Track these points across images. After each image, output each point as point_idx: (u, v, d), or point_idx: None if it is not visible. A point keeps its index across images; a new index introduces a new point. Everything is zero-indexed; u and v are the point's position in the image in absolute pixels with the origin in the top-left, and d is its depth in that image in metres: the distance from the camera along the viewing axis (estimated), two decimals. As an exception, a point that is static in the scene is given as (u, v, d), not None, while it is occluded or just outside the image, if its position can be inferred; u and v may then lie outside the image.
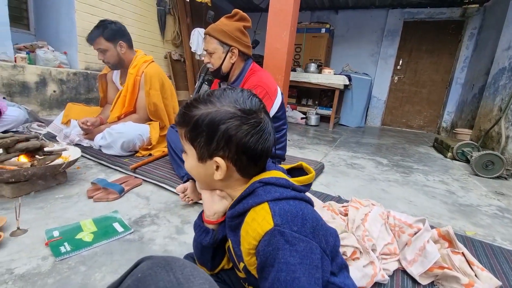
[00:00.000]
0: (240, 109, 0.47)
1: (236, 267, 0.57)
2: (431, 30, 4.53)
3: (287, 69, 3.04)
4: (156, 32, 4.21)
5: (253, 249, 0.43)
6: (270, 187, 0.47)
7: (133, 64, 1.84)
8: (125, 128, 1.69)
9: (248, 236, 0.44)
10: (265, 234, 0.41)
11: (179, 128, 0.51)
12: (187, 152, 0.52)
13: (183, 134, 0.50)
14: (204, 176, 0.51)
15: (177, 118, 0.51)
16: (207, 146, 0.47)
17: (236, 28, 1.28)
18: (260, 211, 0.44)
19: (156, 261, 0.37)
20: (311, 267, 0.40)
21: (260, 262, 0.42)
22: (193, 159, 0.50)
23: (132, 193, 1.30)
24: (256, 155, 0.48)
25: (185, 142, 0.51)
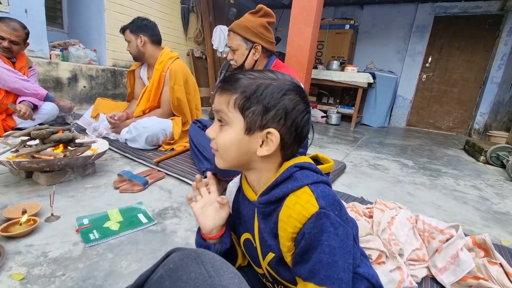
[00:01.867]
0: (298, 85, 0.47)
1: (255, 263, 0.56)
2: (465, 25, 4.25)
3: (309, 66, 2.99)
4: (179, 29, 4.30)
5: (296, 232, 0.42)
6: (306, 171, 0.46)
7: (159, 60, 1.89)
8: (149, 122, 1.74)
9: (292, 219, 0.42)
10: (310, 216, 0.41)
11: (227, 94, 0.46)
12: (230, 122, 0.46)
13: (231, 101, 0.45)
14: (245, 151, 0.47)
15: (226, 84, 0.46)
16: (263, 116, 0.44)
17: (260, 24, 1.27)
18: (302, 194, 0.43)
19: (187, 253, 0.37)
20: (346, 252, 0.40)
21: (303, 245, 0.41)
22: (237, 130, 0.46)
23: (155, 185, 1.34)
24: (302, 134, 0.48)
25: (231, 110, 0.46)
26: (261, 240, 0.50)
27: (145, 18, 1.90)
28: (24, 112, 1.79)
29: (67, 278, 0.71)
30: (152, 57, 1.93)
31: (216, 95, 0.48)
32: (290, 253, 0.45)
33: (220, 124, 0.48)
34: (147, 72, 2.02)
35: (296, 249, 0.43)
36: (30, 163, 1.14)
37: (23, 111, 1.78)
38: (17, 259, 0.76)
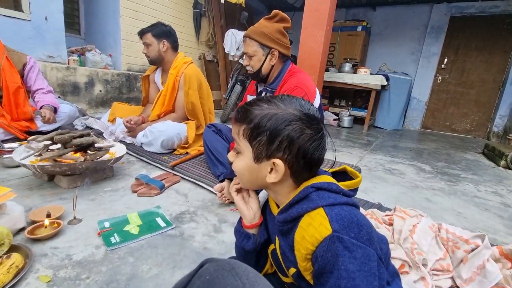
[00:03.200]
0: (305, 113, 0.47)
1: (281, 272, 0.57)
2: (482, 25, 4.12)
3: (321, 69, 2.97)
4: (191, 34, 4.37)
5: (310, 254, 0.43)
6: (323, 192, 0.46)
7: (174, 65, 1.93)
8: (165, 126, 1.77)
9: (305, 241, 0.43)
10: (323, 240, 0.41)
11: (237, 124, 0.50)
12: (241, 150, 0.50)
13: (241, 131, 0.49)
14: (256, 177, 0.50)
15: (237, 114, 0.50)
16: (268, 146, 0.46)
17: (277, 30, 1.27)
18: (316, 216, 0.43)
19: (221, 264, 0.37)
20: (369, 275, 0.39)
21: (318, 268, 0.41)
22: (247, 159, 0.49)
23: (171, 189, 1.36)
24: (313, 161, 0.48)
25: (241, 140, 0.49)
26: (282, 254, 0.51)
27: (165, 24, 1.94)
28: (49, 118, 1.83)
29: (91, 281, 0.73)
30: (169, 62, 1.97)
31: (232, 124, 0.52)
32: (308, 272, 0.45)
33: (235, 151, 0.52)
34: (161, 77, 2.06)
35: (313, 271, 0.43)
36: (53, 167, 1.18)
37: (48, 116, 1.82)
38: (44, 261, 0.78)
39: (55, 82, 2.73)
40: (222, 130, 1.60)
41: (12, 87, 1.77)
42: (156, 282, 0.75)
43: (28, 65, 1.91)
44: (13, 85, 1.78)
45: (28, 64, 1.91)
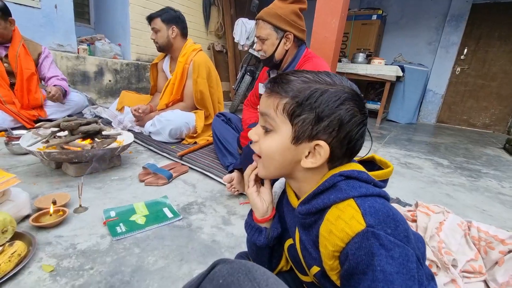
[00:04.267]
0: (358, 94, 0.40)
1: (300, 270, 0.51)
2: (507, 13, 3.87)
3: (334, 59, 2.85)
4: (200, 23, 4.28)
5: (339, 251, 0.37)
6: (353, 181, 0.40)
7: (183, 52, 1.87)
8: (173, 115, 1.73)
9: (333, 236, 0.37)
10: (355, 235, 0.35)
11: (274, 97, 0.41)
12: (275, 128, 0.42)
13: (280, 105, 0.40)
14: (289, 161, 0.42)
15: (275, 85, 0.41)
16: (314, 125, 0.39)
17: (292, 11, 1.19)
18: (346, 208, 0.37)
19: (236, 267, 0.32)
20: (408, 278, 0.33)
21: (348, 268, 0.35)
22: (283, 138, 0.41)
23: (179, 179, 1.32)
24: (355, 148, 0.41)
25: (277, 115, 0.41)
26: (303, 251, 0.45)
27: (175, 10, 1.88)
28: (54, 94, 1.80)
29: (95, 272, 0.69)
30: (178, 49, 1.91)
31: (264, 96, 0.43)
32: (334, 272, 0.39)
33: (265, 129, 0.43)
34: (170, 65, 2.01)
35: (341, 270, 0.38)
36: (59, 154, 1.15)
37: (53, 93, 1.80)
38: (47, 249, 0.75)
39: (65, 71, 2.71)
40: (232, 120, 1.54)
41: (26, 73, 1.81)
42: (162, 275, 0.71)
43: (43, 55, 1.94)
44: (28, 71, 1.81)
45: (43, 53, 1.95)
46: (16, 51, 1.77)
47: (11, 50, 1.76)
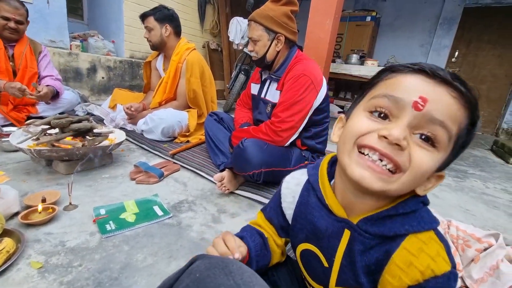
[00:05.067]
0: None
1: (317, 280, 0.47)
2: (498, 17, 3.95)
3: (328, 60, 2.88)
4: (195, 21, 4.27)
5: (414, 285, 0.34)
6: (429, 210, 0.38)
7: (176, 51, 1.87)
8: (166, 114, 1.73)
9: (413, 270, 0.34)
10: (442, 275, 0.33)
11: (462, 102, 0.33)
12: (443, 148, 0.34)
13: (460, 122, 0.34)
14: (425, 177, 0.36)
15: (464, 87, 0.33)
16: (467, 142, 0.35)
17: (283, 13, 1.21)
18: (430, 242, 0.35)
19: (213, 262, 0.33)
20: None
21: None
22: (439, 160, 0.34)
23: (170, 178, 1.33)
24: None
25: (453, 134, 0.34)
26: (345, 267, 0.41)
27: (168, 8, 1.88)
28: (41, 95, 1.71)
29: (83, 269, 0.70)
30: (171, 48, 1.91)
31: (453, 102, 0.33)
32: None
33: (427, 142, 0.34)
34: (163, 64, 2.01)
35: None
36: (50, 152, 1.15)
37: (43, 92, 1.71)
38: (36, 247, 0.76)
39: (57, 68, 2.68)
40: (224, 119, 1.55)
41: (30, 71, 1.83)
42: (151, 271, 0.72)
43: (42, 54, 1.95)
44: (31, 70, 1.84)
45: (43, 52, 1.96)
46: (22, 50, 1.79)
47: (17, 49, 1.78)
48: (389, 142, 0.32)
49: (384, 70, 0.37)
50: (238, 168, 1.14)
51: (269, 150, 1.13)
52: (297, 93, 1.16)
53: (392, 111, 0.34)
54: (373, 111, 0.35)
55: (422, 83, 0.33)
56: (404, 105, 0.33)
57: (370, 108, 0.36)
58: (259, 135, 1.20)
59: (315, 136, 1.33)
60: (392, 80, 0.35)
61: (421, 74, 0.33)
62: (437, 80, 0.32)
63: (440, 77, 0.32)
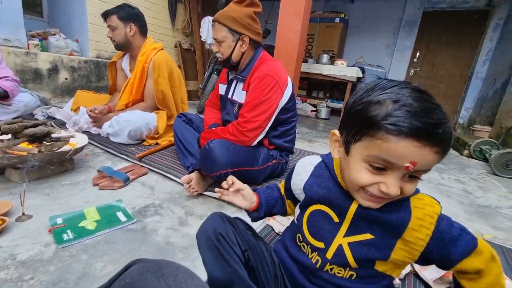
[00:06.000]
0: None
1: (317, 237, 0.54)
2: (452, 20, 4.28)
3: (298, 60, 2.95)
4: (166, 20, 4.17)
5: (431, 230, 0.47)
6: None
7: (142, 51, 1.82)
8: (132, 116, 1.68)
9: (427, 218, 0.47)
10: (441, 214, 0.48)
11: (442, 155, 0.40)
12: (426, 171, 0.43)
13: (440, 160, 0.41)
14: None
15: (445, 143, 0.39)
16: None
17: (247, 15, 1.22)
18: (424, 197, 0.50)
19: (147, 266, 0.34)
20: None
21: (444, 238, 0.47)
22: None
23: (137, 182, 1.29)
24: None
25: (433, 166, 0.42)
26: (356, 220, 0.50)
27: (132, 7, 1.82)
28: None
29: (35, 282, 0.67)
30: (137, 48, 1.86)
31: (430, 154, 0.39)
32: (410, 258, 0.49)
33: (413, 178, 0.43)
34: (129, 64, 1.94)
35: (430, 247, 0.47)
36: (1, 159, 1.07)
37: None
38: (-18, 262, 0.71)
39: (13, 68, 2.49)
40: (193, 120, 1.54)
41: None
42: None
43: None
44: None
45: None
46: None
47: None
48: (388, 195, 0.42)
49: (375, 124, 0.40)
50: (205, 169, 1.14)
51: (236, 150, 1.14)
52: (262, 93, 1.19)
53: (387, 167, 0.42)
54: (372, 164, 0.42)
55: (412, 149, 0.38)
56: (398, 167, 0.40)
57: (369, 162, 0.43)
58: (226, 135, 1.20)
59: (282, 135, 1.36)
60: (387, 145, 0.39)
61: (412, 140, 0.38)
62: (424, 143, 0.38)
63: (426, 138, 0.38)
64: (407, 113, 0.38)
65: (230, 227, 0.55)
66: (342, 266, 0.51)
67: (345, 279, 0.51)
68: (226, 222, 0.56)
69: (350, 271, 0.51)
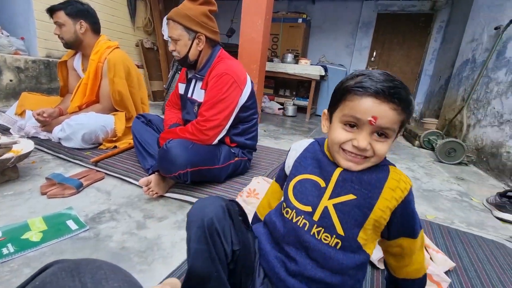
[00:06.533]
0: None
1: (303, 201, 0.56)
2: (403, 22, 4.65)
3: (262, 58, 2.99)
4: (125, 18, 3.97)
5: (399, 202, 0.52)
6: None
7: (95, 49, 1.72)
8: (86, 119, 1.58)
9: (398, 191, 0.52)
10: (410, 188, 0.53)
11: (403, 116, 0.50)
12: (391, 137, 0.51)
13: (400, 120, 0.50)
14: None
15: (399, 101, 0.48)
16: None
17: (201, 13, 1.22)
18: (396, 170, 0.55)
19: (63, 266, 0.32)
20: None
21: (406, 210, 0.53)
22: (390, 143, 0.52)
23: (92, 188, 1.22)
24: None
25: (396, 128, 0.51)
26: (340, 182, 0.55)
27: (83, 2, 1.70)
28: None
29: (-34, 302, 0.61)
30: (89, 46, 1.75)
31: (391, 113, 0.49)
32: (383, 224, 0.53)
33: (382, 136, 0.51)
34: (82, 63, 1.82)
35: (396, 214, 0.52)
36: None
37: None
38: None
39: None
40: (153, 121, 1.49)
41: None
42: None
43: None
44: None
45: None
46: None
47: None
48: (360, 149, 0.50)
49: (348, 90, 0.51)
50: (163, 170, 1.11)
51: (195, 149, 1.13)
52: (220, 92, 1.19)
53: (357, 124, 0.51)
54: (345, 123, 0.52)
55: (373, 105, 0.48)
56: (364, 122, 0.49)
57: (343, 121, 0.52)
58: (186, 135, 1.19)
59: (243, 133, 1.38)
60: (353, 103, 0.50)
61: (371, 97, 0.48)
62: (382, 100, 0.48)
63: (383, 97, 0.48)
64: (370, 80, 0.49)
65: (229, 222, 0.54)
66: (329, 231, 0.53)
67: (331, 247, 0.52)
68: (227, 216, 0.53)
69: (336, 238, 0.52)
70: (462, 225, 1.27)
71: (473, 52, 2.81)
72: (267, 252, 0.59)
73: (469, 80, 2.76)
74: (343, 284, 0.54)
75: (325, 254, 0.52)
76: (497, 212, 1.38)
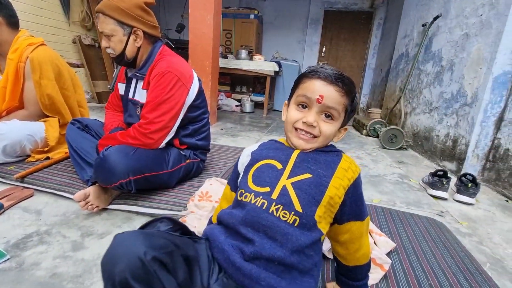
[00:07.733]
0: None
1: (262, 184, 0.58)
2: (348, 19, 4.95)
3: (214, 54, 2.92)
4: (58, 11, 3.53)
5: (350, 183, 0.58)
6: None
7: (14, 47, 1.48)
8: (6, 128, 1.36)
9: (349, 172, 0.58)
10: (359, 173, 0.61)
11: (346, 97, 0.59)
12: (337, 118, 0.60)
13: (347, 105, 0.60)
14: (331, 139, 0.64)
15: (342, 85, 0.57)
16: (350, 117, 0.65)
17: (136, 5, 1.11)
18: (347, 157, 0.62)
19: None
20: None
21: (356, 191, 0.59)
22: (338, 125, 0.61)
23: (17, 208, 1.05)
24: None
25: (342, 110, 0.59)
26: (297, 163, 0.59)
27: None
28: None
29: None
30: (6, 43, 1.49)
31: (336, 95, 0.58)
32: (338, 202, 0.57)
33: (328, 118, 0.60)
34: (-2, 63, 1.56)
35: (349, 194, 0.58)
36: None
37: None
38: None
39: None
40: (90, 126, 1.35)
41: None
42: None
43: None
44: None
45: None
46: None
47: None
48: (308, 124, 0.59)
49: (303, 76, 0.62)
50: (101, 180, 1.01)
51: (137, 155, 1.05)
52: (164, 92, 1.11)
53: (308, 104, 0.60)
54: (298, 104, 0.61)
55: (320, 85, 0.58)
56: (313, 101, 0.58)
57: (297, 103, 0.61)
58: (128, 140, 1.09)
59: (194, 133, 1.32)
60: (305, 84, 0.60)
61: (320, 80, 0.58)
62: (328, 82, 0.58)
63: (329, 80, 0.57)
64: (322, 69, 0.59)
65: (155, 267, 0.41)
66: (288, 208, 0.54)
67: (289, 224, 0.53)
68: (150, 265, 0.40)
69: (295, 215, 0.54)
70: (402, 205, 1.39)
71: (406, 47, 3.11)
72: (221, 242, 0.56)
73: (404, 72, 3.06)
74: (301, 264, 0.53)
75: (284, 230, 0.53)
76: (430, 190, 1.55)
